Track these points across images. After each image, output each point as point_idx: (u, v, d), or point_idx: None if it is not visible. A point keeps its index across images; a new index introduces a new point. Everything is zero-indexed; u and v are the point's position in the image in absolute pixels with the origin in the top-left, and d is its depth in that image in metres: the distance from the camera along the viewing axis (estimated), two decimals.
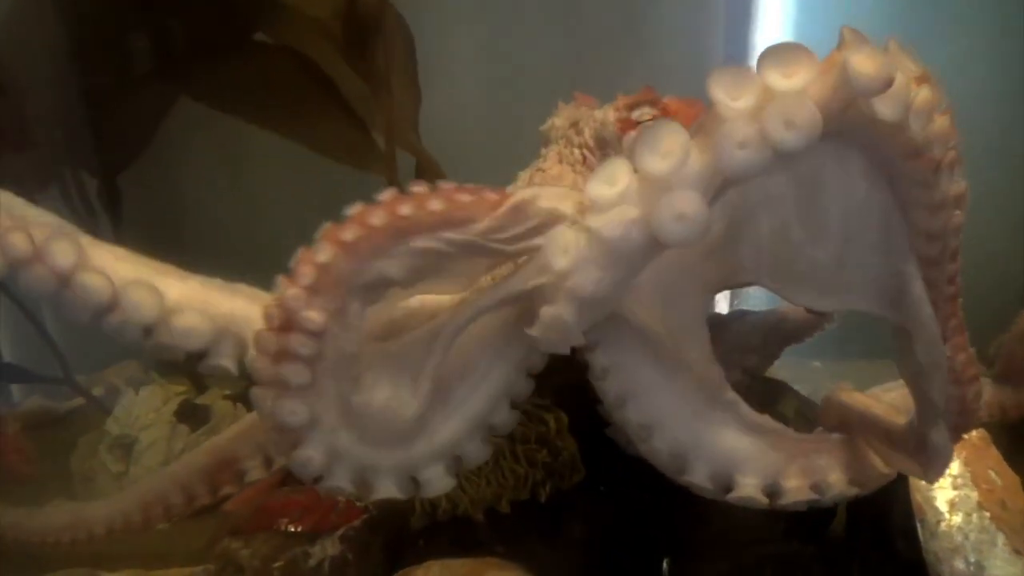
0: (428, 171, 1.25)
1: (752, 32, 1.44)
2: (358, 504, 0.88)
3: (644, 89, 0.78)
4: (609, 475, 0.84)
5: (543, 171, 0.77)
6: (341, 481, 0.61)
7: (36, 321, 1.24)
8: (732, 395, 0.68)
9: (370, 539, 0.87)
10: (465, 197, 0.57)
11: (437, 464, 0.64)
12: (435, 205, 0.56)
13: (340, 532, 0.85)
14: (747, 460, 0.66)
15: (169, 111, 1.36)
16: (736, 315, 0.96)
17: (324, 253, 0.55)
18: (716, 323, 0.82)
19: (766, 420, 0.68)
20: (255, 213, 1.48)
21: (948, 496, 0.72)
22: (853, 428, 0.69)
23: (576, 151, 0.76)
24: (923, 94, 0.52)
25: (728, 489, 0.66)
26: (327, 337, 0.56)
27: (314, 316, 0.55)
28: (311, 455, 0.59)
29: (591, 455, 0.84)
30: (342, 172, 1.27)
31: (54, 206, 1.39)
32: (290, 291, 0.55)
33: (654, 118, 0.74)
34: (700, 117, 0.69)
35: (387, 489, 0.62)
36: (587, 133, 0.76)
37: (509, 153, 0.81)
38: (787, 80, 0.49)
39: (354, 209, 0.56)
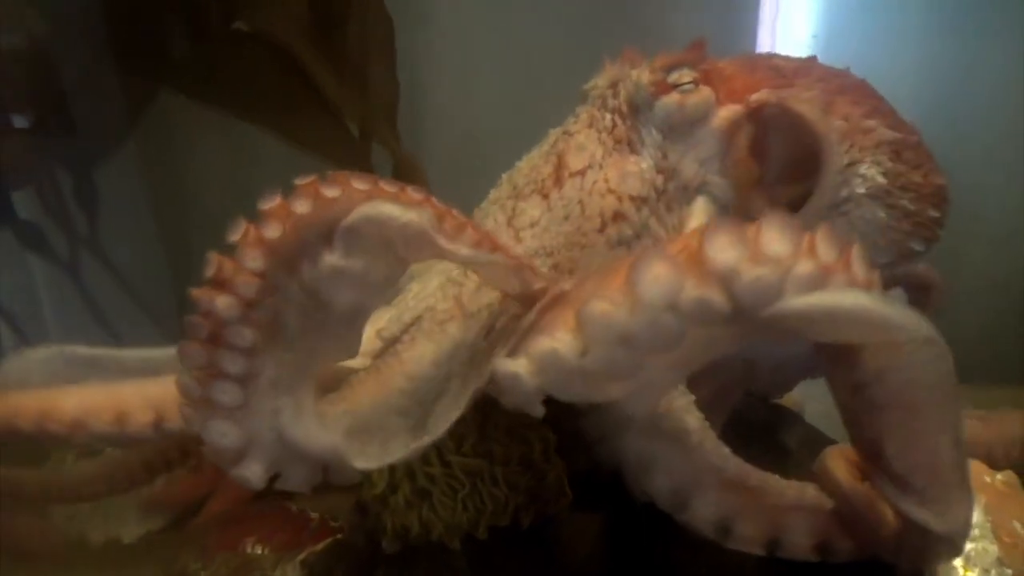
0: (406, 168, 1.21)
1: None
2: (332, 524, 0.85)
3: (691, 46, 0.71)
4: (599, 499, 0.80)
5: (569, 135, 0.71)
6: (292, 484, 0.57)
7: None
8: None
9: (333, 565, 0.83)
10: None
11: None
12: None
13: (302, 556, 0.81)
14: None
15: (149, 103, 1.33)
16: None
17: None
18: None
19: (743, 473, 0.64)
20: (243, 207, 1.44)
21: (964, 549, 0.64)
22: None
23: (608, 116, 0.70)
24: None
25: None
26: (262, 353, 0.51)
27: (247, 332, 0.49)
28: (249, 474, 0.54)
29: (580, 477, 0.80)
30: (331, 165, 1.23)
31: (29, 201, 1.41)
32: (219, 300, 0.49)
33: (694, 81, 0.68)
34: (762, 82, 0.68)
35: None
36: (622, 96, 0.70)
37: (520, 142, 0.76)
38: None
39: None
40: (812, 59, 0.75)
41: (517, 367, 0.51)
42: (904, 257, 0.71)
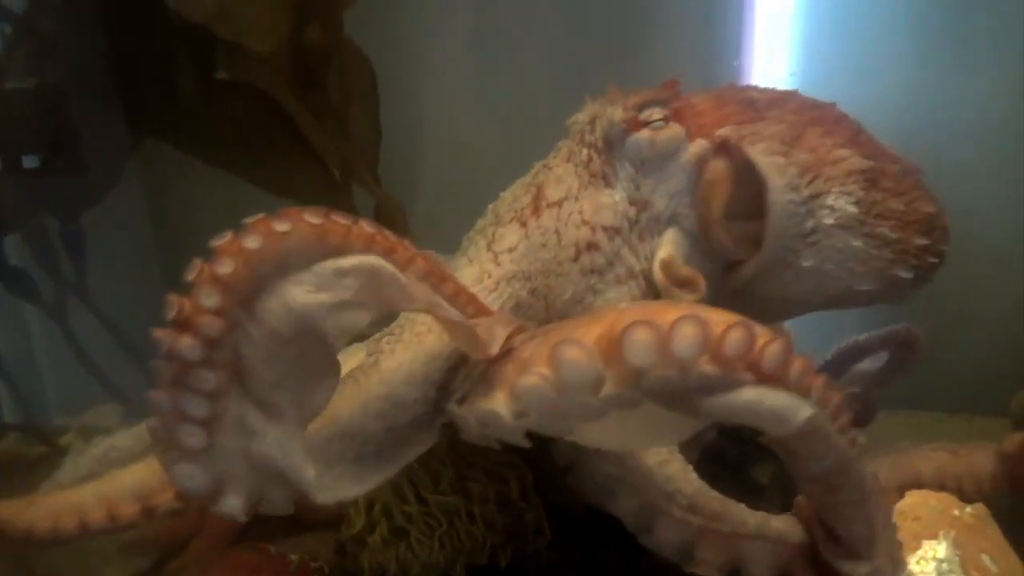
0: (388, 213, 1.22)
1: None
2: (312, 565, 0.84)
3: (664, 84, 0.74)
4: (578, 537, 0.80)
5: (548, 168, 0.74)
6: (274, 507, 0.57)
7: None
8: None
9: None
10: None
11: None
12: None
13: None
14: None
15: (134, 152, 1.34)
16: None
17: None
18: None
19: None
20: None
21: None
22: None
23: (585, 151, 0.73)
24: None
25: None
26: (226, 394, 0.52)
27: (209, 375, 0.50)
28: (230, 508, 0.55)
29: (559, 515, 0.80)
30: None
31: (15, 248, 1.42)
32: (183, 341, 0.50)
33: (664, 118, 0.71)
34: (730, 117, 0.71)
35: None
36: (598, 132, 0.73)
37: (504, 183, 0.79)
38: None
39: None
40: (793, 92, 0.77)
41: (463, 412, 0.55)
42: (891, 284, 0.72)
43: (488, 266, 0.70)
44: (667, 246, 0.70)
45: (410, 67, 1.40)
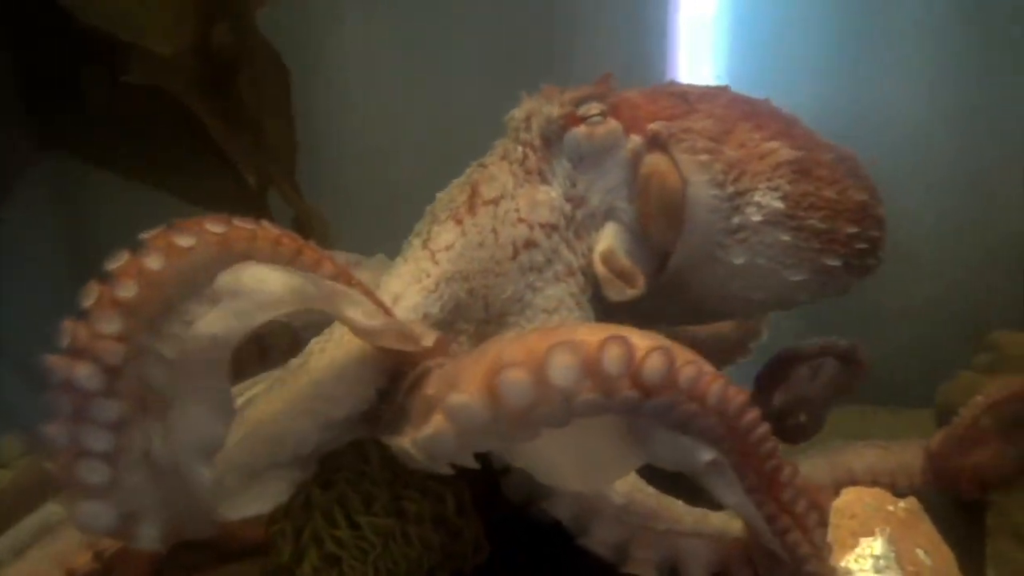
0: (308, 220, 1.19)
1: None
2: None
3: (599, 80, 0.74)
4: (518, 553, 0.78)
5: (483, 166, 0.74)
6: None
7: None
8: None
9: None
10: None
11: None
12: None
13: None
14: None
15: (32, 162, 1.27)
16: None
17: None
18: None
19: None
20: None
21: None
22: None
23: (520, 148, 0.73)
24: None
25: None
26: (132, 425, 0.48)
27: (112, 404, 0.47)
28: (148, 541, 0.52)
29: (499, 530, 0.77)
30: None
31: None
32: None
33: (602, 113, 0.72)
34: (662, 111, 0.71)
35: None
36: (534, 129, 0.73)
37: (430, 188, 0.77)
38: None
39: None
40: (725, 87, 0.78)
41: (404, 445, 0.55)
42: (821, 273, 0.72)
43: (425, 264, 0.69)
44: (607, 239, 0.71)
45: (328, 69, 1.37)
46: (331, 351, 0.63)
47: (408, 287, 0.69)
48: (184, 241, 0.49)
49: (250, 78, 1.14)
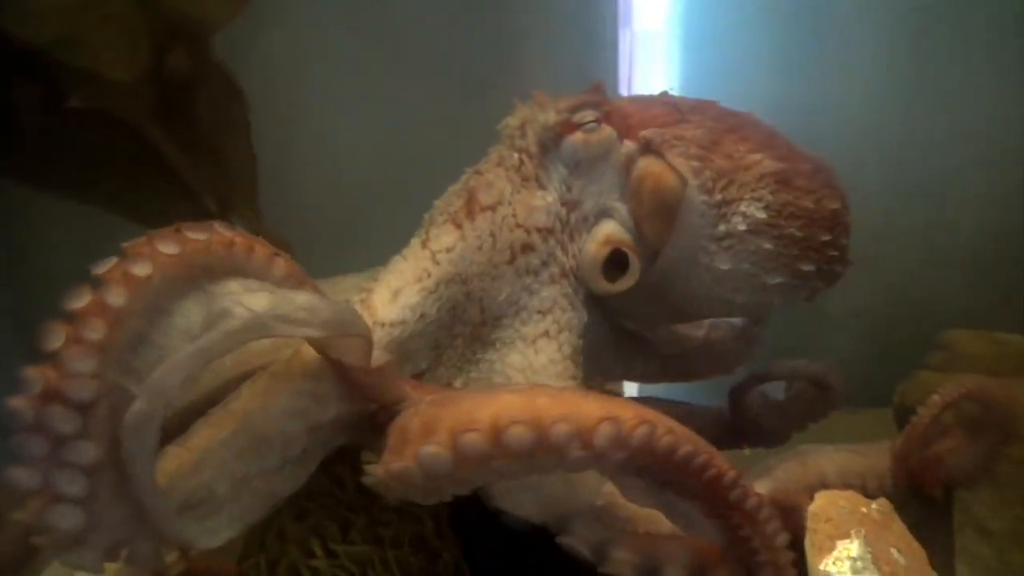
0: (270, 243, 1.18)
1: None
2: None
3: (591, 88, 0.77)
4: (497, 561, 0.78)
5: (479, 173, 0.76)
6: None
7: None
8: None
9: None
10: None
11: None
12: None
13: None
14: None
15: None
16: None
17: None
18: None
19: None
20: None
21: None
22: None
23: (516, 155, 0.75)
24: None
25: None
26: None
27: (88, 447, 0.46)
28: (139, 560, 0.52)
29: (477, 549, 0.78)
30: None
31: None
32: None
33: (597, 120, 0.74)
34: (655, 119, 0.75)
35: None
36: (530, 136, 0.75)
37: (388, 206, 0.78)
38: None
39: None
40: (712, 102, 0.82)
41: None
42: (797, 277, 0.76)
43: (426, 264, 0.71)
44: (603, 231, 0.75)
45: (287, 93, 1.36)
46: (261, 382, 0.61)
47: (408, 285, 0.70)
48: (142, 271, 0.48)
49: (207, 103, 1.13)
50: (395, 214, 0.78)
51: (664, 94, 0.82)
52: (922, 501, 0.82)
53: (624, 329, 0.84)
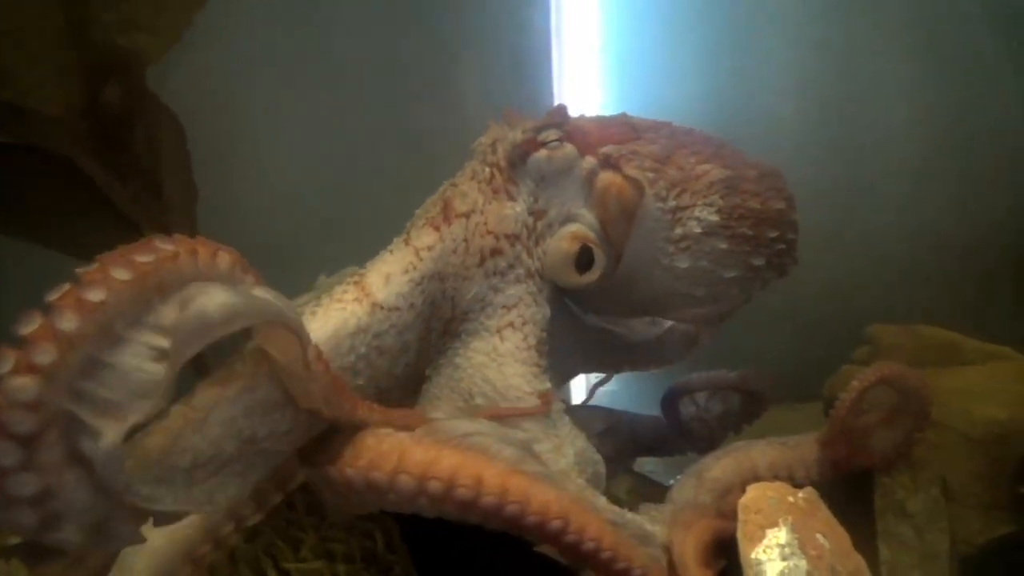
0: None
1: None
2: None
3: (554, 110, 0.85)
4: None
5: (455, 185, 0.84)
6: None
7: None
8: None
9: None
10: None
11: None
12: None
13: None
14: None
15: None
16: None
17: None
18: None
19: None
20: None
21: (778, 569, 0.70)
22: None
23: (487, 169, 0.83)
24: None
25: None
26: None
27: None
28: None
29: (429, 562, 0.80)
30: None
31: None
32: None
33: (560, 139, 0.83)
34: (612, 137, 0.84)
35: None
36: (500, 153, 0.83)
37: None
38: None
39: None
40: (667, 122, 0.90)
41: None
42: (751, 270, 0.85)
43: (411, 258, 0.80)
44: (570, 230, 0.83)
45: (225, 123, 1.36)
46: (213, 387, 0.63)
47: (397, 274, 0.79)
48: (95, 296, 0.49)
49: (144, 135, 1.13)
50: (334, 239, 0.80)
51: (623, 115, 0.89)
52: (846, 488, 0.87)
53: (587, 325, 0.91)
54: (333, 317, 0.77)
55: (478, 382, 0.78)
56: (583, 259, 0.82)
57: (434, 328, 0.81)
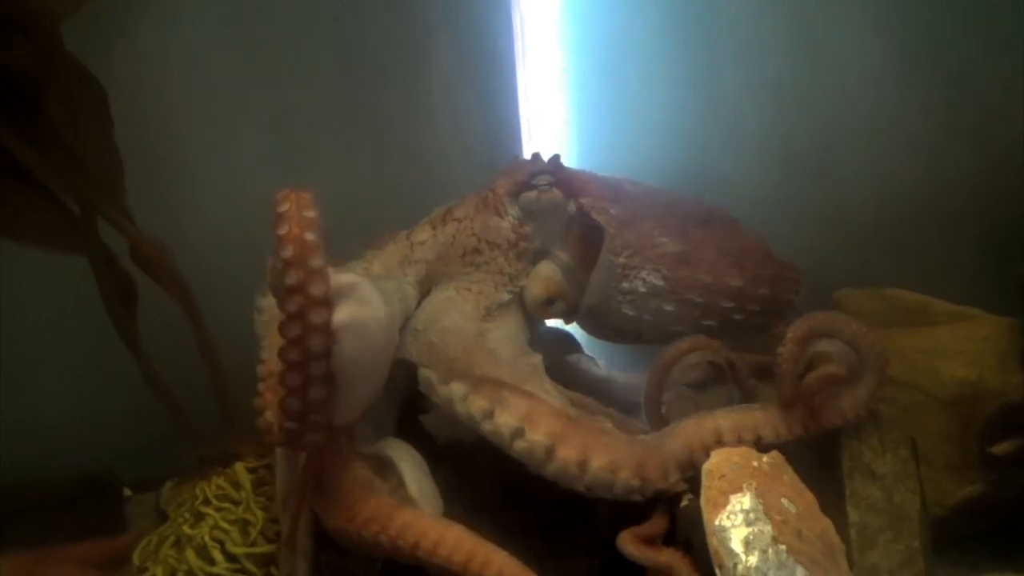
0: (146, 248, 1.15)
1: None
2: None
3: (550, 159, 1.05)
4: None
5: (456, 206, 1.05)
6: None
7: None
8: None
9: None
10: None
11: None
12: None
13: None
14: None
15: None
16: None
17: None
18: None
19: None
20: None
21: (743, 535, 0.72)
22: None
23: (487, 194, 1.04)
24: None
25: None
26: None
27: None
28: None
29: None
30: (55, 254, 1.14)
31: None
32: None
33: (550, 184, 1.03)
34: (594, 191, 1.03)
35: None
36: (500, 189, 1.04)
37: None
38: None
39: None
40: (662, 190, 1.12)
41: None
42: (701, 329, 0.97)
43: (407, 251, 1.01)
44: (542, 271, 1.02)
45: (160, 92, 1.32)
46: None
47: (394, 259, 1.00)
48: None
49: (59, 98, 1.08)
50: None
51: (623, 178, 1.09)
52: (813, 451, 0.89)
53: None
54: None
55: (427, 313, 0.94)
56: (551, 299, 1.01)
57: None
